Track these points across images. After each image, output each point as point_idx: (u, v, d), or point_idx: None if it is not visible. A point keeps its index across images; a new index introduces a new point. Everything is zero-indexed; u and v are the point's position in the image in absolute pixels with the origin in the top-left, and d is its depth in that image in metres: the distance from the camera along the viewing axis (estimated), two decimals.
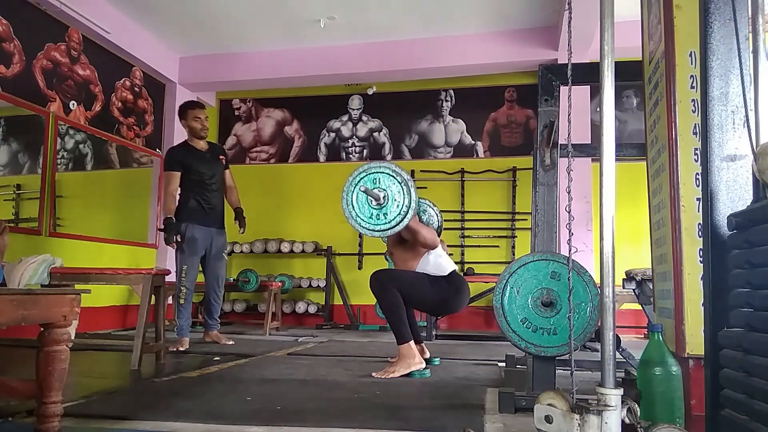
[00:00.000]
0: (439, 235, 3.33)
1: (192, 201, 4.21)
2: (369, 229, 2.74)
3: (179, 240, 4.11)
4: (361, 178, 2.74)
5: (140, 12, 5.66)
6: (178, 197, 4.23)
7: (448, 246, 5.89)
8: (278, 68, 6.51)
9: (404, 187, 2.70)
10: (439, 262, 3.15)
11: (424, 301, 3.14)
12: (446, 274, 3.14)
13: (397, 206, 2.70)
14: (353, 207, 2.73)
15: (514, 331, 2.04)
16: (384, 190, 2.71)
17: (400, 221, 2.70)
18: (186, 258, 4.18)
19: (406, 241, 3.14)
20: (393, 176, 2.72)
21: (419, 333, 3.39)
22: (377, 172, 2.73)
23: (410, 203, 2.69)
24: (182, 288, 4.16)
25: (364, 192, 2.68)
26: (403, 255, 3.20)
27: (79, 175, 5.63)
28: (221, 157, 4.48)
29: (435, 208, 3.50)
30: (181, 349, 3.94)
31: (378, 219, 2.71)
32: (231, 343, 4.33)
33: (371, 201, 2.72)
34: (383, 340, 4.92)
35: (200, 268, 4.45)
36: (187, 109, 4.32)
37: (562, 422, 1.38)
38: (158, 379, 2.73)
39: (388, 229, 2.73)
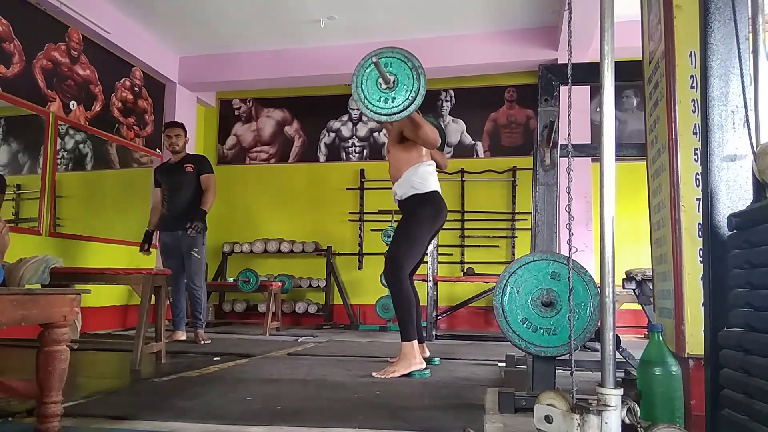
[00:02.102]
0: (441, 149, 3.51)
1: (162, 210, 4.65)
2: (376, 113, 2.68)
3: (147, 249, 4.67)
4: (372, 58, 2.65)
5: (140, 12, 5.66)
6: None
7: (447, 246, 5.91)
8: (278, 68, 6.51)
9: (414, 73, 2.64)
10: (426, 176, 3.21)
11: (424, 241, 3.21)
12: (426, 191, 3.18)
13: (406, 91, 2.63)
14: (362, 90, 2.69)
15: (514, 331, 2.04)
16: (394, 74, 2.67)
17: (408, 106, 2.63)
18: (163, 262, 4.68)
19: (406, 142, 3.20)
20: (404, 61, 2.65)
21: (422, 333, 3.40)
22: (389, 57, 2.67)
23: (419, 89, 2.62)
24: (168, 288, 4.50)
25: (375, 65, 2.60)
26: (399, 155, 3.25)
27: (79, 175, 5.63)
28: (186, 165, 4.64)
29: (440, 125, 3.65)
30: (171, 340, 4.32)
31: (386, 103, 2.65)
32: (207, 342, 4.45)
33: (380, 84, 2.66)
34: (383, 340, 4.92)
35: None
36: (164, 127, 4.80)
37: (562, 422, 1.38)
38: (158, 379, 2.73)
39: (395, 114, 2.66)
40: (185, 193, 4.60)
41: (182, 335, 4.54)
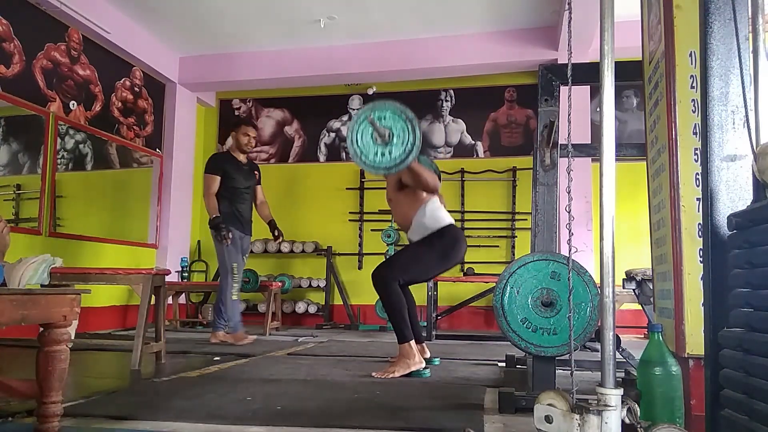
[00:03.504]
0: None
1: (227, 207, 4.47)
2: (373, 167, 2.69)
3: (231, 236, 4.36)
4: (366, 116, 2.69)
5: (140, 12, 5.66)
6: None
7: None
8: (278, 68, 6.51)
9: (409, 125, 2.65)
10: (436, 213, 3.15)
11: (429, 271, 3.17)
12: (442, 226, 3.13)
13: (402, 144, 2.64)
14: (358, 145, 2.68)
15: (514, 331, 2.04)
16: (389, 127, 2.67)
17: (405, 159, 2.64)
18: (235, 256, 4.46)
19: (406, 188, 3.16)
20: (398, 114, 2.66)
21: (420, 333, 3.39)
22: (382, 110, 2.68)
23: (415, 141, 2.63)
24: (235, 284, 4.40)
25: (370, 123, 2.61)
26: (402, 201, 3.21)
27: (79, 175, 5.63)
28: (255, 172, 4.75)
29: (434, 165, 3.63)
30: (248, 342, 4.26)
31: (383, 156, 2.65)
32: (251, 339, 4.41)
33: (376, 138, 2.66)
34: (383, 340, 4.92)
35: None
36: (241, 124, 4.67)
37: (562, 422, 1.38)
38: (158, 379, 2.73)
39: (393, 167, 2.67)
40: (252, 198, 4.69)
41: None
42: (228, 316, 4.37)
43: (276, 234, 4.83)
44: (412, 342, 2.98)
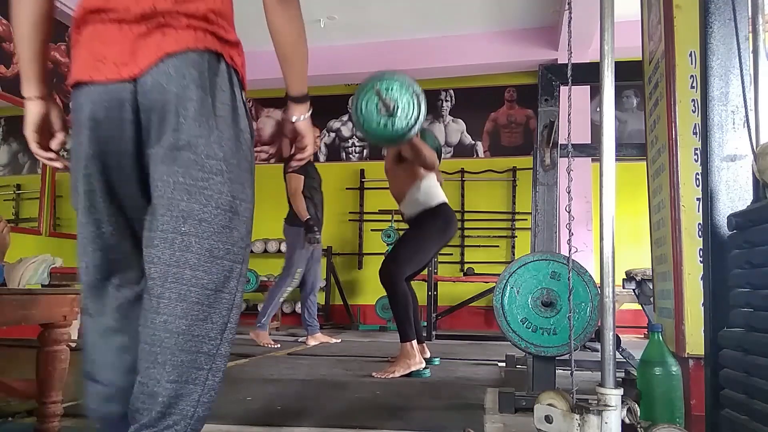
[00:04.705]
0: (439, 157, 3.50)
1: (312, 210, 4.31)
2: (374, 136, 2.67)
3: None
4: (373, 85, 2.66)
5: None
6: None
7: (447, 246, 5.92)
8: (278, 68, 6.45)
9: (414, 99, 2.63)
10: (430, 190, 3.23)
11: (429, 255, 3.30)
12: (435, 205, 3.21)
13: (405, 117, 2.62)
14: (362, 113, 2.67)
15: (514, 331, 2.04)
16: (395, 100, 2.66)
17: (407, 132, 2.61)
18: (302, 262, 4.32)
19: (405, 161, 3.21)
20: (405, 87, 2.64)
21: (421, 333, 3.40)
22: (390, 80, 2.66)
23: (419, 116, 2.60)
24: (289, 289, 4.35)
25: (377, 94, 2.59)
26: (399, 175, 3.28)
27: None
28: None
29: (437, 141, 3.67)
30: (272, 345, 4.20)
31: (385, 128, 2.64)
32: (337, 340, 4.51)
33: (380, 109, 2.66)
34: (383, 340, 4.92)
35: None
36: None
37: (562, 422, 1.38)
38: None
39: (393, 139, 2.65)
40: None
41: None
42: (265, 314, 4.32)
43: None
44: (414, 342, 2.99)
